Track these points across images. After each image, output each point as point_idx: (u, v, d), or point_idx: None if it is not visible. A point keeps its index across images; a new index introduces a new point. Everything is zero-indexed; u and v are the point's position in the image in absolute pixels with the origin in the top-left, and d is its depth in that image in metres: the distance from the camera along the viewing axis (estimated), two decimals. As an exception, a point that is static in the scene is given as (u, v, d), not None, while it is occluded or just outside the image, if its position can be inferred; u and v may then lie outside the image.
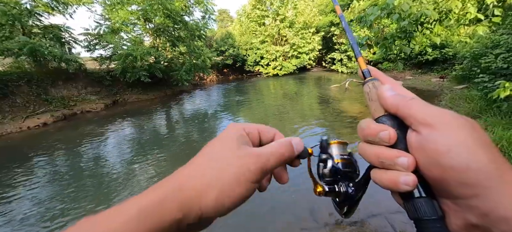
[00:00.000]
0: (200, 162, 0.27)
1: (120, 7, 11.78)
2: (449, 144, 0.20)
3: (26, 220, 2.99)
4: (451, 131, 0.21)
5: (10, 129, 7.23)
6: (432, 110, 0.23)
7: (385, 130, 0.24)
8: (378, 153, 0.25)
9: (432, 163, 0.21)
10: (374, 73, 0.31)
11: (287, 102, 9.60)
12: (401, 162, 0.23)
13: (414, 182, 0.22)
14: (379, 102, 0.27)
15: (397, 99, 0.25)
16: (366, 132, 0.26)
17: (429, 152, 0.21)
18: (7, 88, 8.17)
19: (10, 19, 8.35)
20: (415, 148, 0.23)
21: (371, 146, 0.26)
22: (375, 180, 0.26)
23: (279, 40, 21.20)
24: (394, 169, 0.23)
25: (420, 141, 0.22)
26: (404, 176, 0.22)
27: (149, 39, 13.79)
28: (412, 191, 0.23)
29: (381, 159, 0.24)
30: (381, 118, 0.26)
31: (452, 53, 12.21)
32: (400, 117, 0.24)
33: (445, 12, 2.71)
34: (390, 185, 0.24)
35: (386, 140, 0.24)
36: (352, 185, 0.32)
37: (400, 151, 0.23)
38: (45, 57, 9.19)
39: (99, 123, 7.85)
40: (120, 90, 11.86)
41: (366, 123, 0.26)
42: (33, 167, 4.69)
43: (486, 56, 5.86)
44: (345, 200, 0.32)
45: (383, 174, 0.24)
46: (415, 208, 0.22)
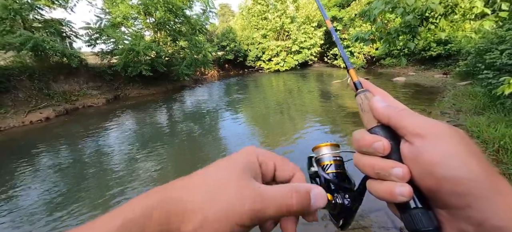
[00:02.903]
0: (197, 178, 0.25)
1: (121, 1, 11.71)
2: (441, 155, 0.20)
3: (29, 212, 3.03)
4: (442, 142, 0.21)
5: (13, 123, 7.28)
6: (423, 121, 0.23)
7: (379, 140, 0.24)
8: (373, 163, 0.25)
9: (426, 174, 0.21)
10: (365, 84, 0.31)
11: (288, 98, 9.56)
12: (396, 173, 0.23)
13: (410, 192, 0.22)
14: (371, 113, 0.27)
15: (389, 110, 0.25)
16: (360, 143, 0.26)
17: (422, 163, 0.21)
18: (9, 82, 8.20)
19: (11, 13, 8.33)
20: (409, 158, 0.23)
21: (366, 157, 0.25)
22: (371, 191, 0.26)
23: (281, 34, 21.03)
24: (389, 179, 0.23)
25: (413, 151, 0.22)
26: (399, 187, 0.22)
27: (150, 33, 13.72)
28: (408, 202, 0.23)
29: (376, 170, 0.24)
30: (374, 129, 0.26)
31: (456, 48, 12.06)
32: (392, 127, 0.25)
33: (451, 6, 2.65)
34: (386, 196, 0.23)
35: (381, 151, 0.24)
36: (348, 196, 0.31)
37: (394, 162, 0.24)
38: (46, 52, 9.19)
39: (101, 118, 7.88)
40: (121, 85, 11.87)
41: (360, 134, 0.26)
42: (36, 161, 4.73)
43: (491, 52, 5.77)
44: (341, 212, 0.32)
45: (378, 185, 0.24)
46: (412, 219, 0.22)
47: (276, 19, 19.95)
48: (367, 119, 0.27)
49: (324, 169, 0.34)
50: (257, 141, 5.04)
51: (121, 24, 12.28)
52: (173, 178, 0.26)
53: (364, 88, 0.30)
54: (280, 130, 5.73)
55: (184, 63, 12.93)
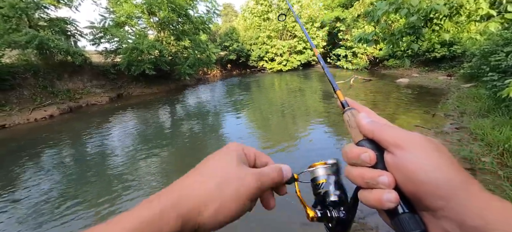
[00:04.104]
0: (200, 175, 0.29)
1: (125, 0, 11.79)
2: (418, 162, 0.23)
3: (33, 208, 3.06)
4: (419, 151, 0.24)
5: (18, 120, 7.38)
6: (402, 133, 0.26)
7: (365, 152, 0.27)
8: (362, 173, 0.27)
9: (406, 180, 0.24)
10: (351, 103, 0.35)
11: (291, 98, 9.55)
12: (382, 180, 0.25)
13: (396, 198, 0.24)
14: (357, 128, 0.30)
15: (372, 126, 0.28)
16: (349, 156, 0.29)
17: (402, 170, 0.24)
18: (15, 80, 8.30)
19: (18, 12, 8.44)
20: (392, 167, 0.25)
21: (355, 168, 0.28)
22: (362, 200, 0.28)
23: (284, 34, 21.01)
24: (377, 187, 0.26)
25: (395, 160, 0.25)
26: (386, 193, 0.25)
27: (153, 32, 13.80)
28: (396, 208, 0.25)
29: (365, 179, 0.27)
30: (361, 142, 0.29)
31: (461, 50, 11.93)
32: (376, 141, 0.28)
33: (456, 7, 2.63)
34: (376, 204, 0.26)
35: (367, 161, 0.27)
36: (343, 209, 0.34)
37: (381, 171, 0.26)
38: (51, 50, 9.29)
39: (104, 116, 7.94)
40: (124, 83, 11.96)
41: (349, 148, 0.29)
42: (41, 158, 4.78)
43: (496, 54, 5.71)
44: (338, 224, 0.34)
45: (368, 194, 0.27)
46: (400, 223, 0.24)
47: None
48: (355, 134, 0.30)
49: (317, 188, 0.37)
50: (259, 141, 5.04)
51: (125, 23, 12.37)
52: (174, 176, 0.28)
53: (350, 106, 0.34)
54: (282, 131, 5.73)
55: (187, 63, 12.99)
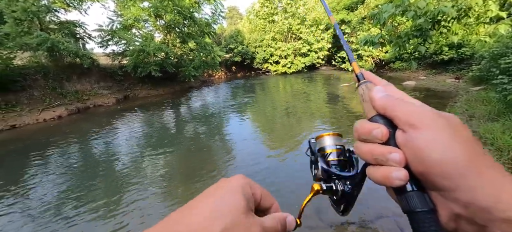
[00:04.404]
0: (203, 215, 0.24)
1: (132, 4, 12.02)
2: (428, 141, 0.22)
3: (41, 207, 3.12)
4: (430, 129, 0.23)
5: (27, 120, 7.56)
6: (415, 110, 0.24)
7: (377, 128, 0.26)
8: (372, 149, 0.26)
9: (416, 159, 0.23)
10: (367, 76, 0.33)
11: (296, 101, 9.52)
12: (393, 158, 0.24)
13: (406, 176, 0.23)
14: (371, 103, 0.28)
15: (384, 101, 0.27)
16: (360, 131, 0.27)
17: (412, 149, 0.23)
18: (25, 81, 8.52)
19: (30, 16, 8.69)
20: (402, 145, 0.24)
21: (366, 144, 0.27)
22: (370, 176, 0.27)
23: (289, 37, 21.02)
24: (387, 164, 0.25)
25: (405, 138, 0.24)
26: (396, 171, 0.24)
27: (159, 35, 14.01)
28: (404, 186, 0.24)
29: (375, 155, 0.26)
30: (374, 118, 0.28)
31: (469, 53, 11.71)
32: (388, 117, 0.26)
33: (464, 9, 2.59)
34: (384, 181, 0.25)
35: (379, 137, 0.26)
36: (348, 182, 0.34)
37: (392, 147, 0.25)
38: (61, 52, 9.52)
39: (111, 117, 8.06)
40: (131, 85, 12.14)
41: (360, 123, 0.28)
42: (48, 157, 4.88)
43: (506, 57, 5.58)
44: (342, 198, 0.34)
45: (377, 170, 0.26)
46: (407, 201, 0.24)
47: (283, 21, 19.97)
48: (367, 109, 0.29)
49: (326, 157, 0.37)
50: (263, 144, 5.04)
51: (132, 26, 12.59)
52: (179, 178, 0.26)
53: (366, 79, 0.32)
54: (287, 133, 5.71)
55: (192, 65, 13.12)
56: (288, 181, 3.34)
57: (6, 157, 5.09)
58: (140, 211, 2.93)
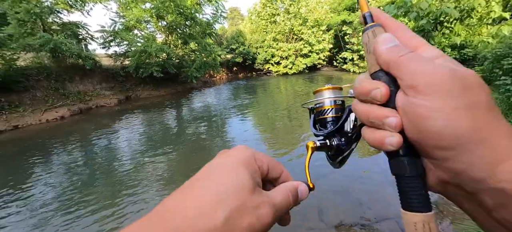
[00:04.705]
0: (203, 200, 0.21)
1: (134, 5, 12.08)
2: (428, 110, 0.20)
3: (44, 206, 3.14)
4: (434, 96, 0.20)
5: (30, 121, 7.60)
6: (423, 70, 0.21)
7: (377, 88, 0.23)
8: (369, 111, 0.24)
9: (411, 126, 0.21)
10: (378, 17, 0.26)
11: (297, 101, 9.51)
12: (389, 122, 0.22)
13: (398, 143, 0.22)
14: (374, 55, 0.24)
15: (390, 55, 0.22)
16: (359, 90, 0.25)
17: (409, 115, 0.21)
18: (28, 82, 8.58)
19: (33, 17, 8.76)
20: (400, 109, 0.22)
21: (363, 104, 0.25)
22: (364, 137, 0.26)
23: (290, 37, 21.03)
24: (382, 128, 0.23)
25: (404, 102, 0.22)
26: (389, 137, 0.22)
27: (161, 36, 14.06)
28: (397, 150, 0.23)
29: (371, 118, 0.24)
30: (376, 74, 0.24)
31: (472, 54, 11.65)
32: (392, 75, 0.23)
33: (467, 10, 2.58)
34: (377, 144, 0.24)
35: (378, 99, 0.23)
36: (344, 139, 0.33)
37: (390, 111, 0.23)
38: (63, 53, 9.59)
39: (113, 118, 8.09)
40: (132, 86, 12.19)
41: (360, 81, 0.25)
42: (51, 157, 4.91)
43: (509, 57, 5.55)
44: (337, 153, 0.34)
45: (371, 133, 0.24)
46: (397, 164, 0.23)
47: (285, 21, 19.99)
48: (371, 62, 0.25)
49: (322, 113, 0.36)
50: (264, 145, 5.03)
51: (134, 27, 12.65)
52: (180, 179, 0.24)
53: (375, 22, 0.25)
54: (288, 134, 5.70)
55: (194, 66, 13.16)
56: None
57: (9, 157, 5.12)
58: (142, 212, 2.94)
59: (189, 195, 0.22)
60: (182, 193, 0.22)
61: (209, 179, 0.23)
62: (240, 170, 0.23)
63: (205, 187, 0.22)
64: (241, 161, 0.24)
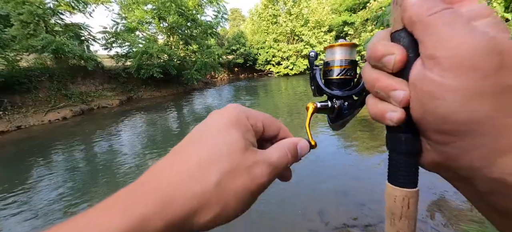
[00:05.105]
0: (194, 161, 0.20)
1: (136, 7, 12.15)
2: (443, 89, 0.16)
3: (43, 207, 3.16)
4: (456, 73, 0.16)
5: (32, 122, 7.65)
6: (450, 35, 0.16)
7: (392, 53, 0.19)
8: (376, 80, 0.21)
9: (417, 104, 0.18)
10: None
11: (298, 102, 9.51)
12: (395, 96, 0.20)
13: (399, 120, 0.20)
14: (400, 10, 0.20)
15: (417, 11, 0.18)
16: (370, 53, 0.21)
17: (418, 92, 0.18)
18: (31, 83, 8.64)
19: (35, 18, 8.83)
20: (412, 80, 0.19)
21: (373, 70, 0.21)
22: (367, 106, 0.23)
23: (291, 38, 21.07)
24: (387, 101, 0.21)
25: (417, 76, 0.18)
26: (392, 111, 0.20)
27: (163, 37, 14.13)
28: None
29: (376, 88, 0.21)
30: (396, 34, 0.20)
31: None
32: (415, 38, 0.19)
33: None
34: (377, 117, 0.22)
35: (389, 67, 0.20)
36: (347, 103, 0.31)
37: (399, 83, 0.20)
38: (66, 54, 9.66)
39: (115, 118, 8.13)
40: (134, 87, 12.24)
41: (374, 42, 0.21)
42: (53, 158, 4.94)
43: None
44: (338, 116, 0.32)
45: (374, 103, 0.22)
46: (393, 139, 0.22)
47: (286, 22, 20.03)
48: (395, 17, 0.20)
49: (327, 74, 0.33)
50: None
51: (136, 29, 12.72)
52: None
53: None
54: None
55: (195, 67, 13.20)
56: (291, 183, 3.33)
57: (11, 157, 5.15)
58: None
59: (177, 159, 0.21)
60: (170, 158, 0.21)
61: (197, 142, 0.22)
62: (231, 130, 0.22)
63: (193, 150, 0.21)
64: (231, 120, 0.23)
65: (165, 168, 0.20)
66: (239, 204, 0.21)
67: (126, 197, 0.18)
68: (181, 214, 0.18)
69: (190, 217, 0.18)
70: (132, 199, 0.18)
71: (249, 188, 0.21)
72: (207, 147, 0.21)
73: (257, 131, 0.25)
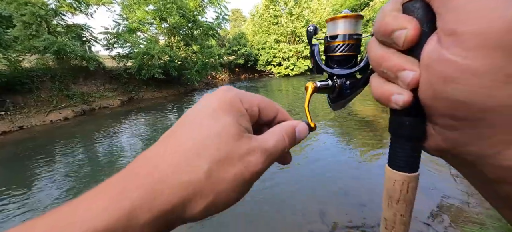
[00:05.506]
0: (183, 149, 0.19)
1: (137, 7, 12.20)
2: (461, 70, 0.14)
3: (46, 207, 3.17)
4: (480, 52, 0.13)
5: (34, 122, 7.69)
6: (478, 7, 0.13)
7: (403, 28, 0.17)
8: (383, 58, 0.18)
9: (427, 87, 0.16)
10: None
11: (299, 103, 9.51)
12: (403, 77, 0.17)
13: (406, 103, 0.18)
14: None
15: None
16: (378, 27, 0.19)
17: (431, 73, 0.16)
18: (33, 83, 8.69)
19: (38, 19, 8.89)
20: (425, 59, 0.16)
21: (380, 46, 0.19)
22: (371, 85, 0.21)
23: (292, 39, 21.09)
24: (393, 82, 0.19)
25: (432, 54, 0.16)
26: (398, 93, 0.18)
27: (164, 38, 14.18)
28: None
29: (383, 67, 0.19)
30: (412, 4, 0.17)
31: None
32: (432, 10, 0.16)
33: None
34: (382, 99, 0.19)
35: (399, 44, 0.17)
36: (349, 83, 0.29)
37: (409, 62, 0.17)
38: (68, 55, 9.71)
39: (116, 119, 8.16)
40: (135, 87, 12.28)
41: (385, 13, 0.18)
42: (54, 158, 4.96)
43: None
44: (340, 96, 0.30)
45: (379, 84, 0.20)
46: (396, 122, 0.21)
47: (288, 23, 20.05)
48: None
49: (331, 50, 0.30)
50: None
51: (137, 29, 12.77)
52: None
53: None
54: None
55: (196, 68, 13.23)
56: (291, 183, 3.33)
57: (13, 157, 5.18)
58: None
59: (169, 145, 0.19)
60: (159, 146, 0.20)
61: (186, 129, 0.20)
62: (223, 115, 0.20)
63: (182, 137, 0.20)
64: (223, 104, 0.21)
65: (154, 156, 0.19)
66: (233, 193, 0.19)
67: (113, 189, 0.17)
68: (170, 205, 0.17)
69: (180, 208, 0.17)
70: (119, 191, 0.17)
71: (243, 176, 0.20)
72: (197, 134, 0.19)
73: (253, 115, 0.23)
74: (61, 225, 0.15)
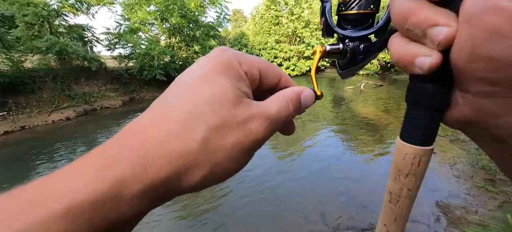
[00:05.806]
0: (176, 116, 0.17)
1: (139, 8, 12.25)
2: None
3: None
4: None
5: (36, 122, 7.73)
6: None
7: None
8: (411, 11, 0.15)
9: (466, 46, 0.13)
10: None
11: (299, 103, 9.51)
12: (435, 35, 0.14)
13: (432, 66, 0.15)
14: None
15: None
16: None
17: (476, 27, 0.13)
18: (35, 84, 8.73)
19: (40, 20, 8.94)
20: (464, 14, 0.13)
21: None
22: (390, 48, 0.18)
23: (293, 39, 21.09)
24: (420, 42, 0.16)
25: (479, 5, 0.12)
26: (424, 55, 0.15)
27: (165, 38, 14.22)
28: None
29: (409, 24, 0.15)
30: None
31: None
32: None
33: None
34: (402, 62, 0.16)
35: None
36: (363, 46, 0.25)
37: (445, 15, 0.14)
38: (69, 55, 9.76)
39: (117, 119, 8.19)
40: (137, 88, 12.31)
41: None
42: (56, 158, 4.98)
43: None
44: (351, 62, 0.26)
45: (400, 44, 0.17)
46: (417, 90, 0.18)
47: (288, 23, 20.06)
48: None
49: (345, 7, 0.26)
50: (268, 148, 5.03)
51: (138, 30, 12.81)
52: None
53: None
54: (291, 138, 5.69)
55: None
56: (292, 184, 3.32)
57: (15, 157, 5.21)
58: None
59: (155, 116, 0.18)
60: (148, 114, 0.18)
61: (178, 95, 0.18)
62: (219, 78, 0.18)
63: (173, 105, 0.18)
64: (219, 67, 0.19)
65: (144, 125, 0.17)
66: (232, 163, 0.18)
67: (100, 158, 0.15)
68: (163, 176, 0.15)
69: (174, 179, 0.16)
70: (107, 160, 0.15)
71: (243, 145, 0.18)
72: (190, 99, 0.17)
73: (253, 79, 0.21)
74: (29, 201, 0.14)
